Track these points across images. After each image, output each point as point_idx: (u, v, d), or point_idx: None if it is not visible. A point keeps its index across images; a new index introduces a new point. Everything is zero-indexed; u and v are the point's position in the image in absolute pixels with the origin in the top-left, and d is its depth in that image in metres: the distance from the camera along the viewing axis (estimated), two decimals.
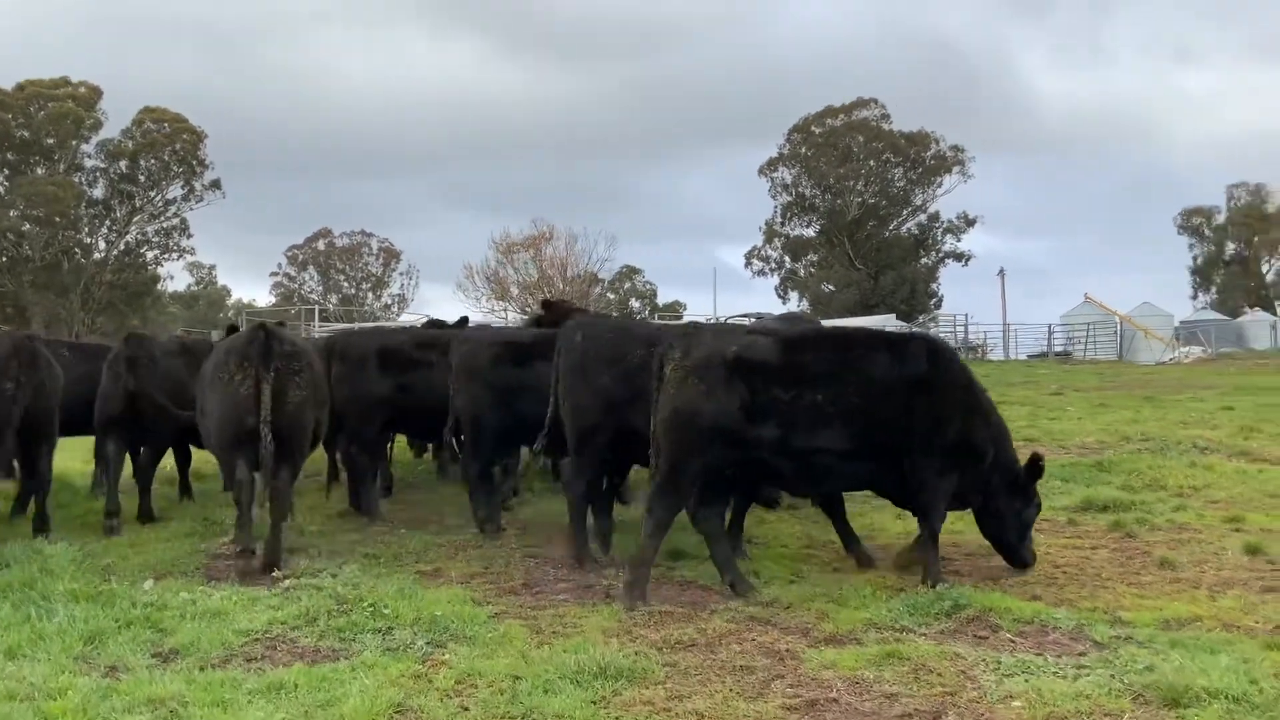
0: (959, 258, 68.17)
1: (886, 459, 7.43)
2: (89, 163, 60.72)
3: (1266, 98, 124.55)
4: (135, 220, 62.14)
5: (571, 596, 7.40)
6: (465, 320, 15.31)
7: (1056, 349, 51.79)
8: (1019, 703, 5.24)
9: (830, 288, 66.40)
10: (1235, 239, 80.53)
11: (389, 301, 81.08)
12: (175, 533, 9.57)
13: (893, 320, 47.92)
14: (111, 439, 10.29)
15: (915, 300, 64.48)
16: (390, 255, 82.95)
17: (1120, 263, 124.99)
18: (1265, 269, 79.75)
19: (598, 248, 53.48)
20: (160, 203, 62.50)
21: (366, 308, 74.86)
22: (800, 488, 8.48)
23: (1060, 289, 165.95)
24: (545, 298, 15.39)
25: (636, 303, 79.75)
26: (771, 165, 68.19)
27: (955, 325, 54.79)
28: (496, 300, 52.71)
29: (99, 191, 60.82)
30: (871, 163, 66.66)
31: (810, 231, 68.86)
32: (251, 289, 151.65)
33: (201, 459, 11.62)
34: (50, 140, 58.55)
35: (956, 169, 66.46)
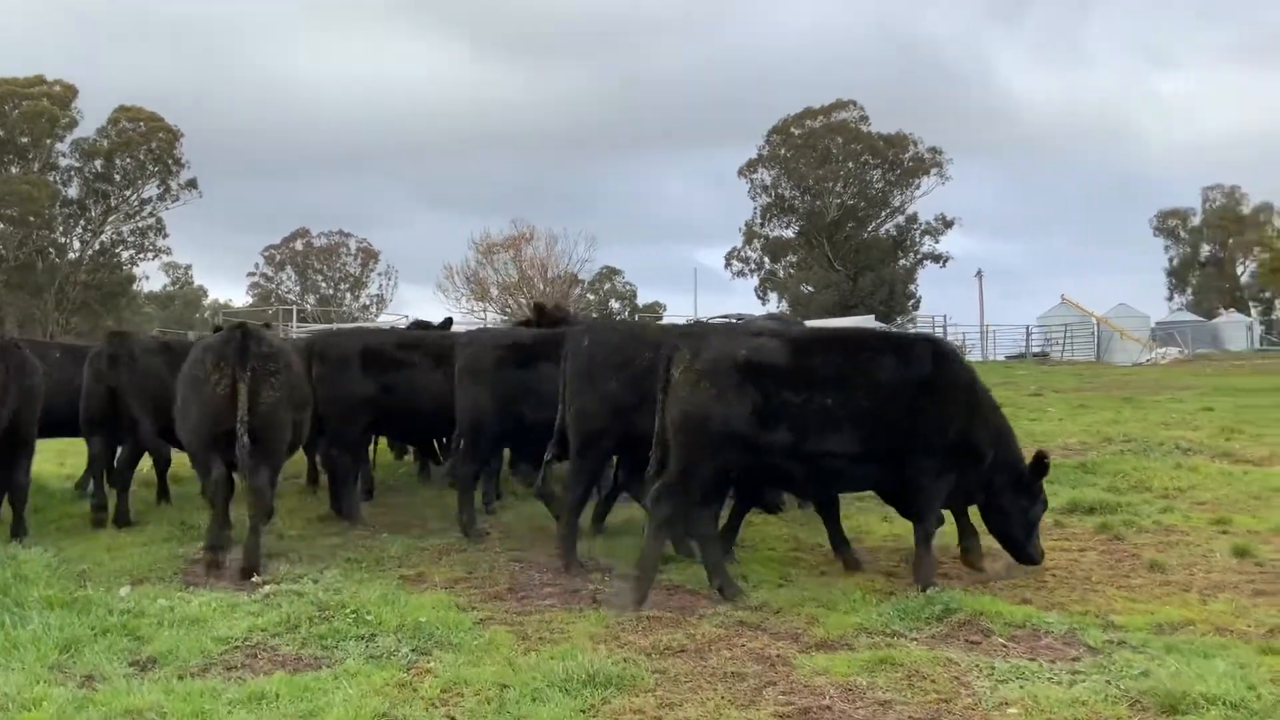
0: (937, 259, 68.41)
1: (893, 461, 7.42)
2: (64, 162, 60.17)
3: (1242, 101, 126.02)
4: (110, 220, 61.56)
5: (558, 601, 7.30)
6: (449, 321, 15.13)
7: (1034, 350, 52.11)
8: (1015, 710, 5.17)
9: (809, 289, 66.48)
10: (1211, 241, 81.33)
11: (367, 302, 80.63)
12: (153, 537, 9.39)
13: (871, 321, 47.94)
14: (96, 437, 10.28)
15: (894, 301, 64.64)
16: (369, 255, 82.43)
17: (1097, 264, 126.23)
18: (1240, 271, 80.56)
19: (578, 248, 53.59)
20: (136, 202, 61.94)
21: (345, 308, 74.36)
22: (810, 491, 8.43)
23: (1037, 290, 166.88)
24: (538, 301, 15.21)
25: (616, 304, 79.65)
26: (751, 166, 68.22)
27: (933, 326, 54.76)
28: (476, 301, 52.60)
29: (74, 191, 60.21)
30: (850, 164, 66.76)
31: (789, 233, 68.92)
32: (228, 289, 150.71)
33: (180, 462, 11.44)
34: (25, 139, 57.86)
35: (934, 171, 66.67)
